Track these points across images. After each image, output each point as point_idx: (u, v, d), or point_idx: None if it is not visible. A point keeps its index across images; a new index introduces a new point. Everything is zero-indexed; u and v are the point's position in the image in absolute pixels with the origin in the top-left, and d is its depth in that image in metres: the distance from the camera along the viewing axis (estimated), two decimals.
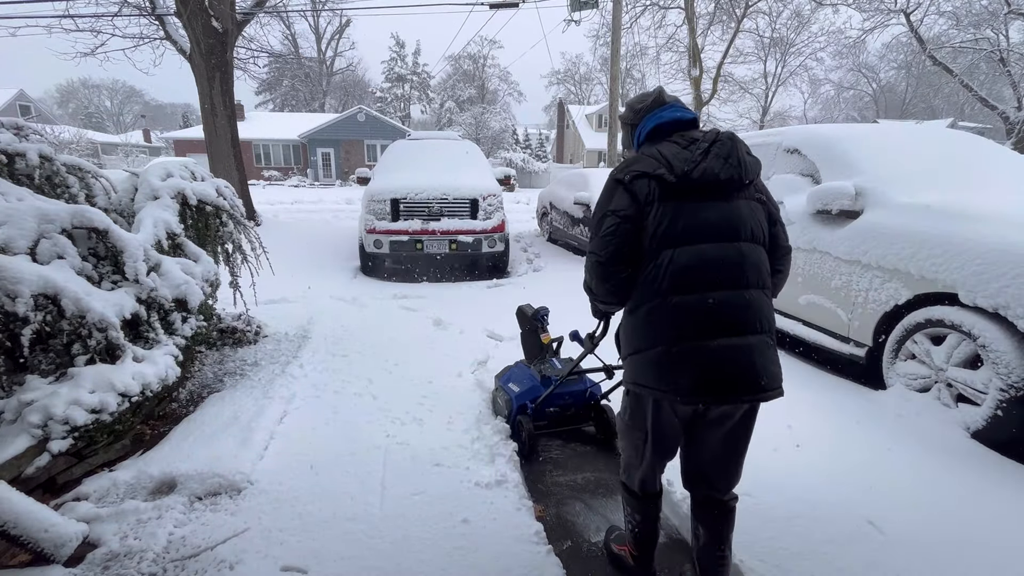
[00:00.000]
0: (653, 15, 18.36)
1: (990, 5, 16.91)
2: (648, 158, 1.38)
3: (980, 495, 1.97)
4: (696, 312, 1.30)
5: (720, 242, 1.33)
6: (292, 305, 4.79)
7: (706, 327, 1.30)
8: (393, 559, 1.73)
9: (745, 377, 1.30)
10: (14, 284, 1.91)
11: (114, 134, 44.55)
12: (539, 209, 9.63)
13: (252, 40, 12.90)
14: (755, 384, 1.30)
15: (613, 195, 1.41)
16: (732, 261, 1.32)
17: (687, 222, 1.32)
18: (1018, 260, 2.19)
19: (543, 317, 2.69)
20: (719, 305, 1.30)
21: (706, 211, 1.33)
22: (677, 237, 1.32)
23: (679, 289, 1.31)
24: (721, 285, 1.31)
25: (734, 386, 1.30)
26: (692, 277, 1.31)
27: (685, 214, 1.33)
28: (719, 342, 1.29)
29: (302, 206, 14.32)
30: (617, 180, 1.41)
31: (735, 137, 1.37)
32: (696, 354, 1.30)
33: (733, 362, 1.29)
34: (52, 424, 1.91)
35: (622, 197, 1.38)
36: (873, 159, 3.16)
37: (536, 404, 2.45)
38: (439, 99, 44.00)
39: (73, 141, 24.14)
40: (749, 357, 1.30)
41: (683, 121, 1.46)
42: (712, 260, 1.31)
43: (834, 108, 39.99)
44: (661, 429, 1.47)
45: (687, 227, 1.32)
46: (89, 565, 1.66)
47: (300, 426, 2.60)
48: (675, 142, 1.39)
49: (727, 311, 1.31)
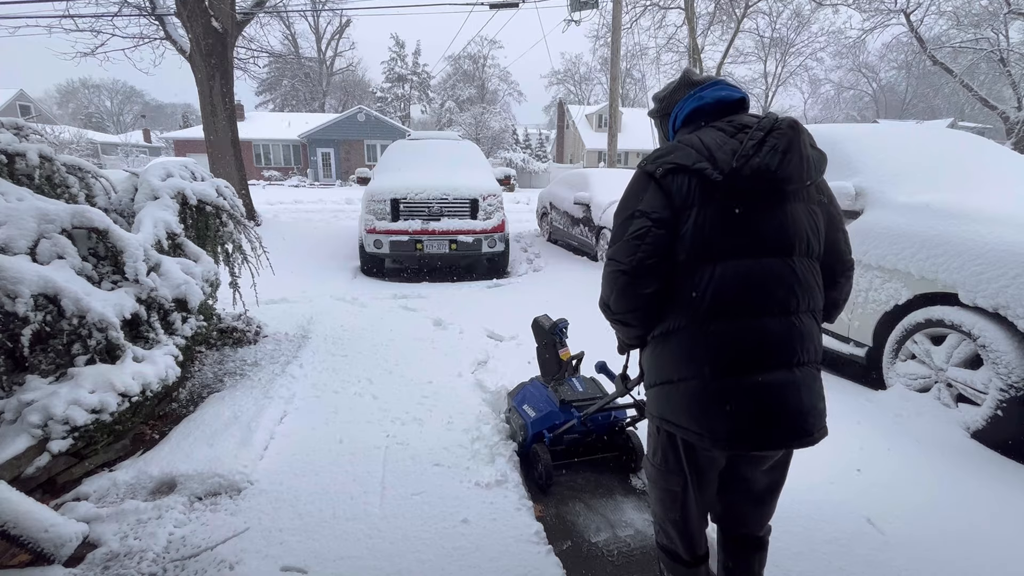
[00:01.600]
0: (653, 15, 18.39)
1: (990, 5, 16.91)
2: (686, 148, 1.12)
3: (980, 495, 1.97)
4: (739, 342, 1.09)
5: (771, 257, 1.09)
6: (292, 305, 4.79)
7: (750, 360, 1.09)
8: (393, 559, 1.73)
9: (793, 421, 1.10)
10: (14, 284, 1.91)
11: (114, 134, 44.58)
12: (539, 209, 9.63)
13: (252, 40, 12.92)
14: (802, 428, 1.11)
15: (644, 192, 1.14)
16: (784, 282, 1.10)
17: (733, 231, 1.08)
18: (1018, 260, 2.19)
19: (562, 331, 2.44)
20: (766, 335, 1.09)
21: (757, 218, 1.09)
22: (721, 249, 1.08)
23: (720, 313, 1.09)
24: (769, 311, 1.09)
25: (779, 431, 1.11)
26: (737, 299, 1.09)
27: (731, 221, 1.08)
28: (764, 378, 1.09)
29: (302, 206, 14.31)
30: (647, 174, 1.15)
31: (798, 126, 1.09)
32: (737, 393, 1.09)
33: (780, 403, 1.09)
34: (52, 424, 1.90)
35: (655, 196, 1.12)
36: (873, 159, 3.16)
37: (555, 434, 2.22)
38: (439, 99, 44.03)
39: (73, 141, 24.16)
40: (797, 396, 1.10)
41: (730, 102, 1.20)
42: (761, 280, 1.09)
43: (834, 108, 40.01)
44: (700, 469, 1.24)
45: (733, 237, 1.08)
46: (89, 565, 1.66)
47: (300, 426, 2.60)
48: (720, 128, 1.14)
49: (774, 342, 1.09)
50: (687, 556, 1.34)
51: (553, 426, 2.21)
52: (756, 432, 1.10)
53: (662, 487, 1.32)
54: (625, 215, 1.17)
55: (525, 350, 3.56)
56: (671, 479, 1.28)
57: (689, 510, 1.29)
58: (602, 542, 1.89)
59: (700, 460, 1.23)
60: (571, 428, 2.20)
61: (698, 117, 1.22)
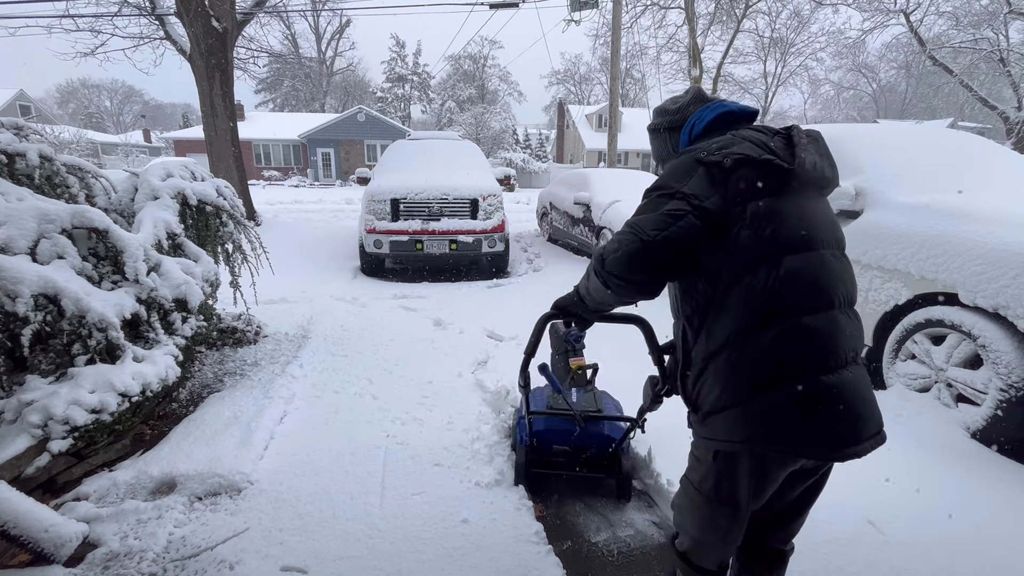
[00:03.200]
0: (653, 15, 18.38)
1: (990, 5, 16.92)
2: (744, 141, 1.07)
3: (980, 495, 1.97)
4: (823, 338, 1.02)
5: (826, 250, 1.08)
6: (292, 305, 4.79)
7: (833, 358, 1.03)
8: (393, 559, 1.73)
9: (872, 419, 1.06)
10: (14, 284, 1.91)
11: (114, 134, 44.59)
12: (539, 209, 9.63)
13: (252, 40, 12.92)
14: (877, 426, 1.07)
15: (690, 175, 1.07)
16: (845, 275, 1.10)
17: (798, 223, 1.04)
18: (1018, 260, 2.19)
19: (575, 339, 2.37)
20: (840, 329, 1.05)
21: (812, 211, 1.08)
22: (788, 242, 1.03)
23: (802, 308, 1.02)
24: (838, 304, 1.06)
25: (865, 432, 1.04)
26: (813, 292, 1.04)
27: (796, 213, 1.05)
28: (843, 375, 1.03)
29: (302, 206, 14.31)
30: (707, 163, 1.05)
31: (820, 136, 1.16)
32: (831, 394, 1.01)
33: (861, 402, 1.05)
34: (52, 424, 1.91)
35: (703, 182, 1.05)
36: (873, 159, 3.16)
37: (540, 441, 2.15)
38: (439, 99, 44.05)
39: (73, 141, 24.15)
40: (868, 392, 1.08)
41: (751, 112, 1.20)
42: (827, 272, 1.06)
43: (834, 108, 40.02)
44: (764, 490, 1.13)
45: (799, 230, 1.04)
46: (89, 565, 1.66)
47: (300, 426, 2.60)
48: (757, 130, 1.12)
49: (846, 336, 1.06)
50: (712, 567, 1.26)
51: (536, 432, 2.14)
52: (853, 433, 1.03)
53: (704, 515, 1.20)
54: (664, 192, 1.08)
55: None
56: (721, 509, 1.16)
57: (731, 535, 1.19)
58: (602, 542, 1.89)
59: (768, 481, 1.12)
60: (560, 439, 2.12)
61: (724, 123, 1.19)
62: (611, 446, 2.10)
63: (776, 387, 1.02)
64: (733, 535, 1.19)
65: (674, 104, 1.30)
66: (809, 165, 1.07)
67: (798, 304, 1.02)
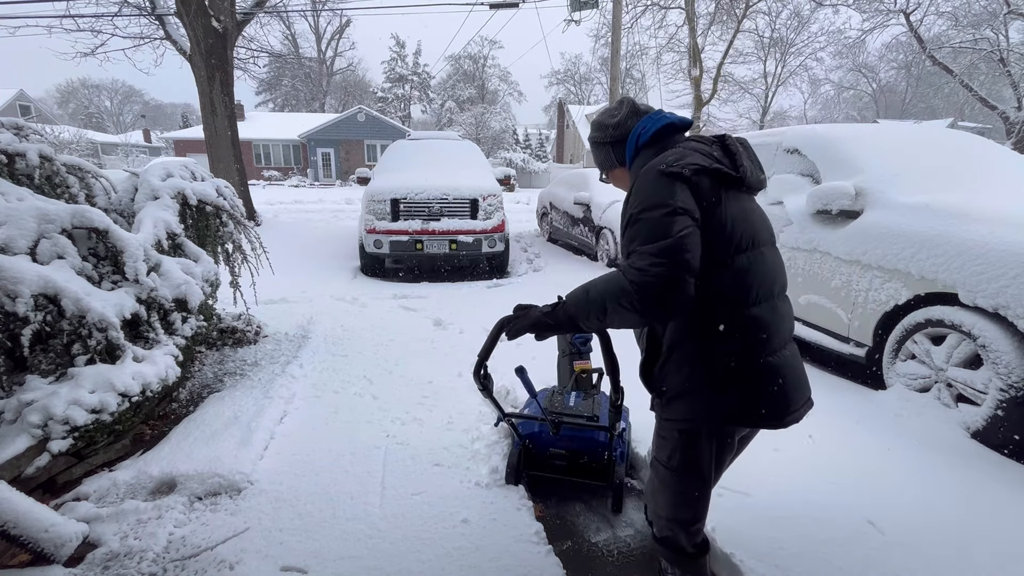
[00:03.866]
0: (653, 15, 18.35)
1: (990, 5, 16.90)
2: (693, 152, 1.20)
3: (980, 495, 1.97)
4: (771, 323, 1.20)
5: (768, 246, 1.25)
6: (292, 305, 4.79)
7: (778, 339, 1.22)
8: (393, 559, 1.73)
9: (804, 388, 1.27)
10: (14, 284, 1.91)
11: (114, 134, 44.59)
12: (539, 209, 9.63)
13: (252, 40, 12.90)
14: (808, 394, 1.28)
15: (674, 189, 1.12)
16: (781, 266, 1.28)
17: (747, 224, 1.20)
18: (1018, 260, 2.19)
19: (581, 341, 2.35)
20: (784, 313, 1.25)
21: (754, 212, 1.25)
22: (742, 240, 1.17)
23: (756, 300, 1.18)
24: (778, 294, 1.25)
25: (802, 400, 1.25)
26: (764, 284, 1.20)
27: (745, 214, 1.20)
28: (786, 352, 1.24)
29: (302, 206, 14.32)
30: (672, 175, 1.13)
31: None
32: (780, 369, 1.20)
33: (800, 373, 1.26)
34: (52, 424, 1.91)
35: (686, 194, 1.12)
36: (873, 159, 3.16)
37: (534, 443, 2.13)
38: (439, 99, 44.04)
39: (73, 141, 24.15)
40: (801, 365, 1.29)
41: (688, 124, 1.32)
42: (773, 265, 1.24)
43: (834, 108, 40.01)
44: (722, 460, 1.30)
45: (749, 230, 1.20)
46: (89, 565, 1.66)
47: (300, 426, 2.60)
48: (699, 140, 1.26)
49: (788, 319, 1.27)
50: (692, 548, 1.39)
51: (531, 433, 2.12)
52: (793, 403, 1.21)
53: (675, 490, 1.33)
54: (664, 211, 1.09)
55: (525, 350, 3.56)
56: (690, 482, 1.30)
57: (700, 507, 1.34)
58: (602, 542, 1.89)
59: (726, 449, 1.29)
60: (555, 442, 2.09)
61: (668, 133, 1.30)
62: (605, 453, 2.06)
63: (729, 370, 1.17)
64: (703, 507, 1.35)
65: (613, 118, 1.38)
66: (750, 172, 1.22)
67: (747, 297, 1.17)
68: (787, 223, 3.43)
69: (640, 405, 1.70)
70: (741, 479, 2.08)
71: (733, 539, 1.74)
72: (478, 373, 1.59)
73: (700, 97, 18.16)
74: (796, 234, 3.34)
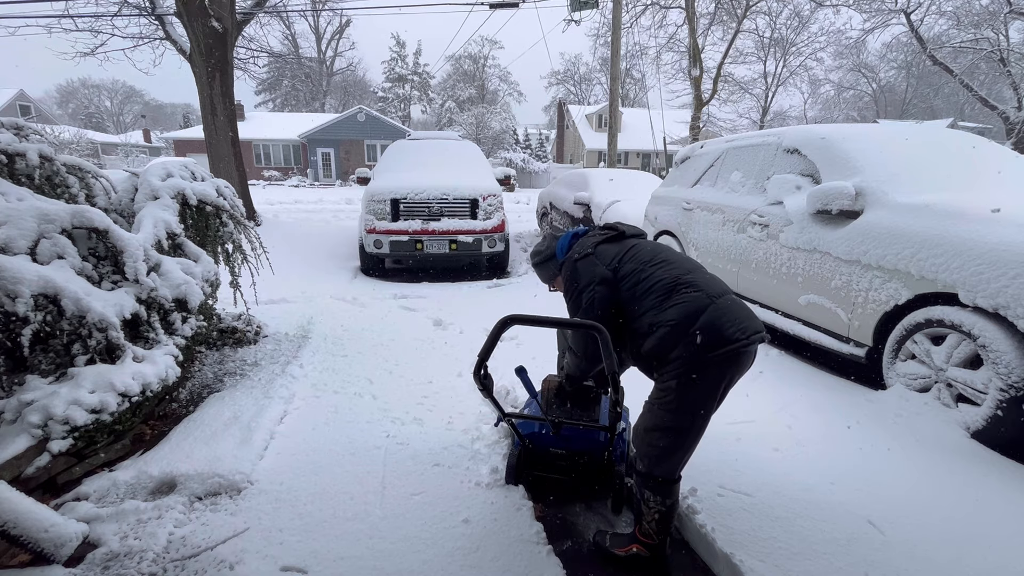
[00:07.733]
0: (653, 15, 18.38)
1: (990, 5, 16.91)
2: (589, 238, 1.98)
3: (980, 495, 1.97)
4: (697, 283, 1.68)
5: (665, 250, 1.90)
6: (292, 305, 4.79)
7: (711, 290, 1.66)
8: (393, 559, 1.73)
9: (756, 319, 1.66)
10: (14, 284, 1.91)
11: (114, 134, 44.57)
12: (539, 209, 9.62)
13: (252, 40, 12.92)
14: (760, 323, 1.66)
15: (590, 268, 1.84)
16: (678, 258, 1.86)
17: (641, 253, 1.85)
18: (1018, 260, 2.18)
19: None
20: (704, 278, 1.74)
21: (641, 244, 1.92)
22: (649, 260, 1.81)
23: (674, 278, 1.71)
24: (690, 269, 1.81)
25: (756, 324, 1.63)
26: (675, 269, 1.76)
27: (636, 247, 1.89)
28: (723, 299, 1.64)
29: (302, 206, 14.33)
30: (580, 259, 1.89)
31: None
32: (723, 307, 1.60)
33: (743, 308, 1.67)
34: (52, 424, 1.91)
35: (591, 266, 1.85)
36: (873, 159, 3.16)
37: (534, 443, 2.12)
38: (439, 99, 44.03)
39: (73, 141, 24.16)
40: (747, 307, 1.71)
41: (586, 230, 2.09)
42: (672, 257, 1.85)
43: (834, 108, 39.95)
44: (717, 397, 1.60)
45: (645, 254, 1.84)
46: (89, 565, 1.66)
47: (300, 426, 2.60)
48: (597, 234, 1.98)
49: (712, 281, 1.75)
50: (676, 476, 1.66)
51: (532, 433, 2.11)
52: (753, 326, 1.60)
53: (672, 426, 1.59)
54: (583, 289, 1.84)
55: (525, 350, 3.56)
56: (684, 418, 1.58)
57: (693, 439, 1.62)
58: (597, 550, 1.89)
59: (720, 382, 1.57)
60: (555, 442, 2.08)
61: (573, 238, 2.06)
62: (605, 453, 2.05)
63: (695, 319, 1.55)
64: (690, 446, 1.63)
65: (544, 247, 2.14)
66: (629, 228, 1.99)
67: (670, 276, 1.67)
68: (787, 223, 3.43)
69: (640, 405, 1.73)
70: (741, 479, 2.08)
71: (733, 539, 1.74)
72: (478, 373, 1.60)
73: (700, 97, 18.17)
74: (796, 234, 3.34)
